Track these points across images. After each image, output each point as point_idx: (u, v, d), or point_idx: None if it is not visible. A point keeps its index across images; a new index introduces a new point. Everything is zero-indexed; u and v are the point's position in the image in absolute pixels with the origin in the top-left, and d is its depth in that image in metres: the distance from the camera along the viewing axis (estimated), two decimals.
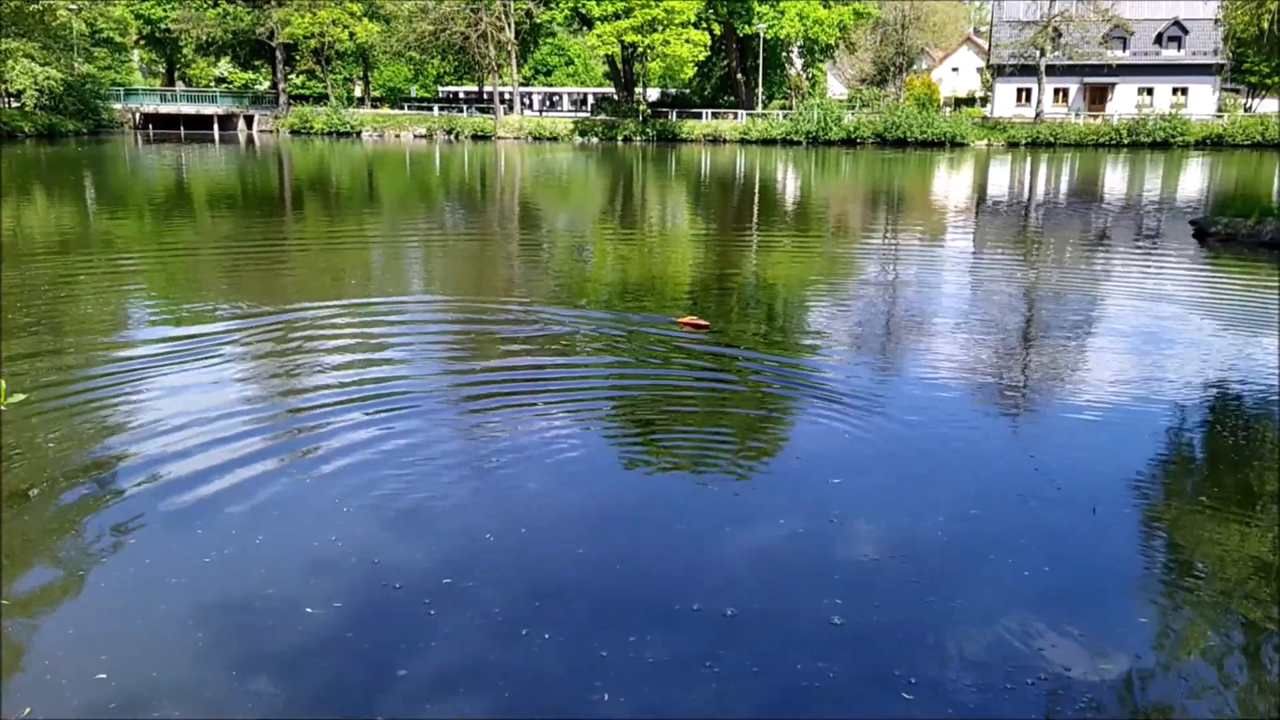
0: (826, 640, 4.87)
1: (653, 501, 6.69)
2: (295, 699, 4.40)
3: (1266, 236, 19.00)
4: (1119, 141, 62.77)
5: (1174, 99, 68.35)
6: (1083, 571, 5.70)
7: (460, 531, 6.08)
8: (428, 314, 12.97)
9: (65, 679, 4.49)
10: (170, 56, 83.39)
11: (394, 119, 74.19)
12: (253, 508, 6.27)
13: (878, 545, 5.95)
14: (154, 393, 8.72)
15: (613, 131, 69.80)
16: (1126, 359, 10.64)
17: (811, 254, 19.58)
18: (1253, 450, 7.82)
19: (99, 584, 5.35)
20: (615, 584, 5.47)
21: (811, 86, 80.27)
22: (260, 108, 76.81)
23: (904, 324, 12.48)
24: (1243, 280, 16.27)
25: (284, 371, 9.66)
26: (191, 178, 37.54)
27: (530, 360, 10.19)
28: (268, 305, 12.79)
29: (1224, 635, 5.05)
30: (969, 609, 5.20)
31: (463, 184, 38.61)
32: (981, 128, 66.25)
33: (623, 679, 4.56)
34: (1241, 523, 6.33)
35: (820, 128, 64.75)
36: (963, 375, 9.84)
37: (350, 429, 7.79)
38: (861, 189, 37.94)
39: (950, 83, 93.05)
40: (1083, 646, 4.85)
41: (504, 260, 18.34)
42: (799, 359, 10.50)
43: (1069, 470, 7.19)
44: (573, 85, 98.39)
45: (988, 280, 16.48)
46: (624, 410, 8.65)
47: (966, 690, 4.49)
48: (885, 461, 7.35)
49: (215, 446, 7.28)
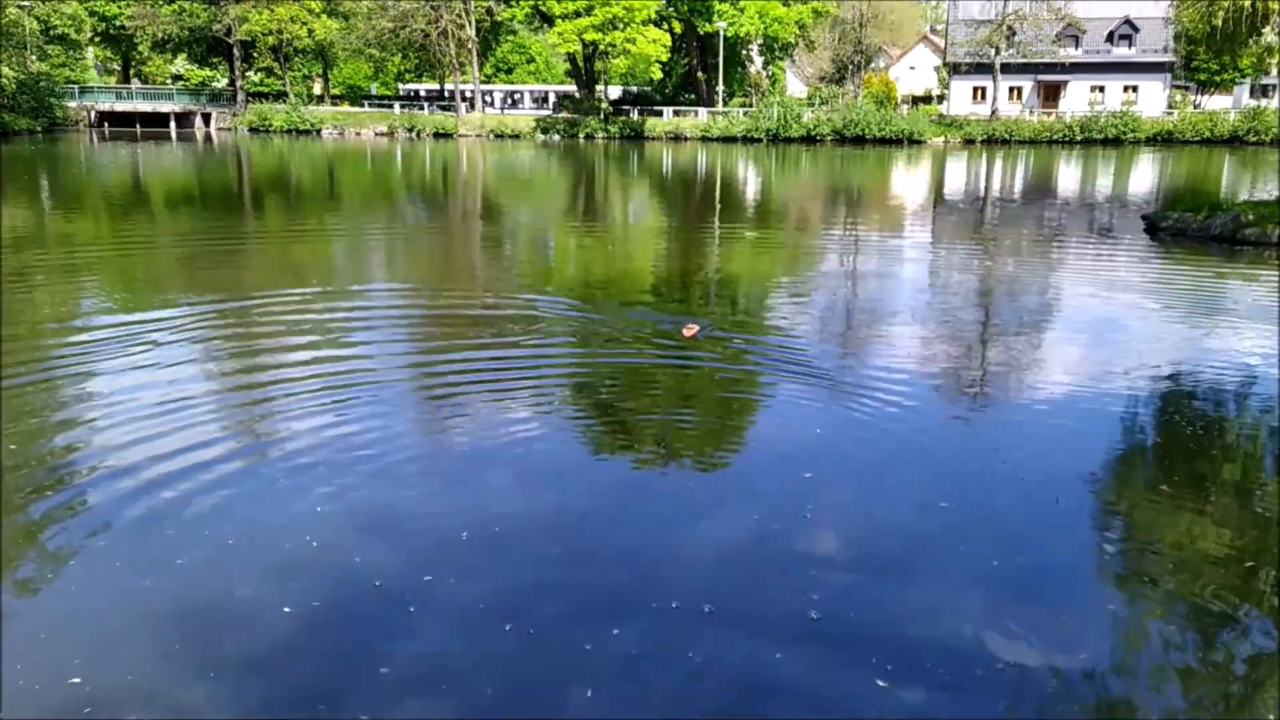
0: (799, 632, 4.95)
1: (623, 493, 6.75)
2: (272, 699, 4.41)
3: (1216, 231, 19.43)
4: (1072, 138, 63.74)
5: (1125, 96, 69.50)
6: (1048, 561, 5.84)
7: (433, 529, 6.09)
8: (391, 310, 12.92)
9: (39, 683, 4.46)
10: (126, 54, 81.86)
11: (354, 117, 73.47)
12: (222, 507, 6.24)
13: (846, 537, 6.06)
14: (114, 390, 8.60)
15: (574, 129, 69.71)
16: (1084, 350, 10.87)
17: (775, 248, 19.72)
18: (1210, 438, 8.05)
19: (69, 586, 5.31)
20: (591, 579, 5.51)
21: (771, 84, 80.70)
22: (218, 105, 75.69)
23: (866, 317, 12.63)
24: (1194, 273, 16.63)
25: (246, 367, 9.59)
26: (148, 176, 36.99)
27: (496, 353, 10.20)
28: (227, 300, 12.67)
29: (1185, 624, 5.20)
30: (937, 599, 5.32)
31: (425, 182, 38.38)
32: (938, 125, 66.94)
33: (603, 674, 4.61)
34: (1199, 511, 6.52)
35: (780, 125, 65.08)
36: (926, 367, 9.99)
37: (317, 425, 7.75)
38: (822, 186, 38.21)
39: (907, 81, 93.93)
40: (1049, 635, 4.98)
41: (467, 256, 18.29)
42: (766, 349, 10.59)
43: (1032, 460, 7.35)
44: (534, 83, 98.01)
45: (947, 274, 16.70)
46: (591, 401, 8.70)
47: (938, 677, 4.59)
48: (852, 453, 7.47)
49: (180, 444, 7.20)
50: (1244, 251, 18.20)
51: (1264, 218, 18.95)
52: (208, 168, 42.88)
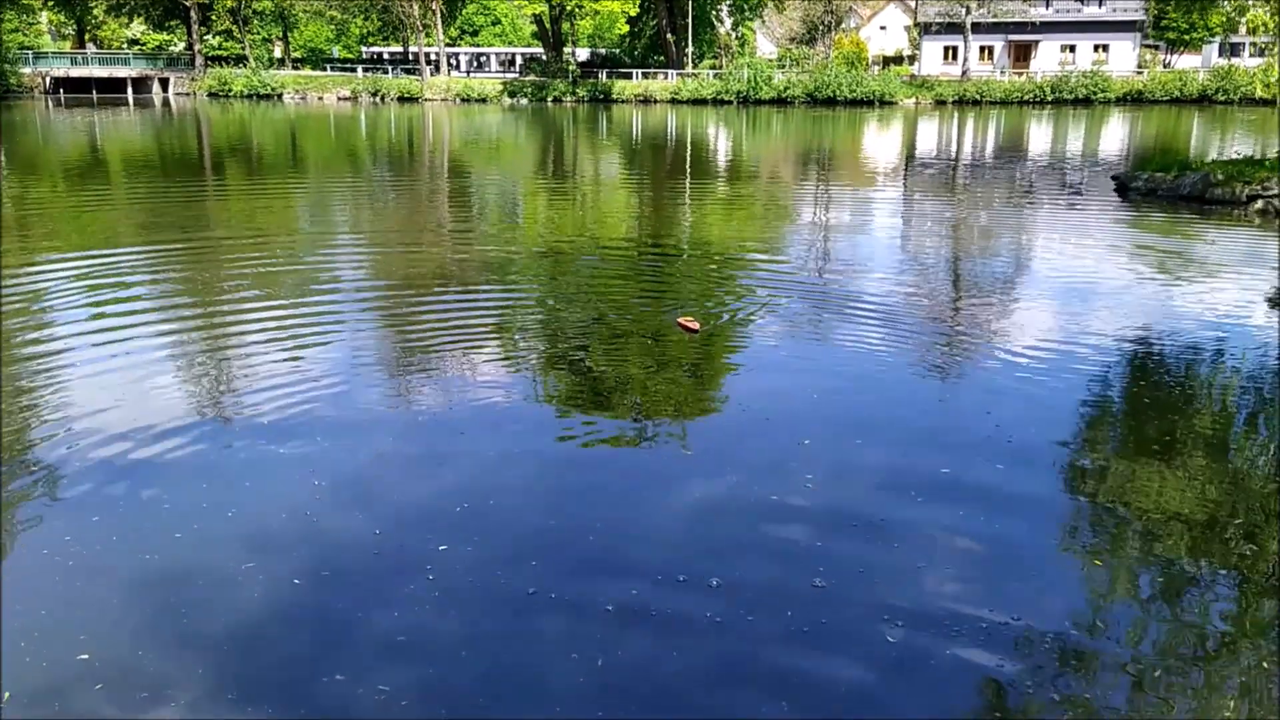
0: (778, 594, 4.91)
1: (599, 462, 6.66)
2: (250, 672, 4.32)
3: (1185, 190, 19.48)
4: (1043, 98, 63.85)
5: (1096, 56, 69.59)
6: (1023, 519, 5.80)
7: (410, 496, 6.01)
8: (359, 278, 12.68)
9: (45, 661, 4.37)
10: (80, 18, 79.81)
11: (316, 81, 72.20)
12: (194, 483, 6.11)
13: (822, 498, 5.99)
14: (77, 363, 8.41)
15: (542, 92, 68.90)
16: (1055, 308, 10.87)
17: (749, 210, 19.57)
18: (1180, 395, 8.12)
19: (63, 564, 5.17)
20: (571, 546, 5.42)
21: (741, 46, 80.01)
22: (176, 70, 74.08)
23: (839, 278, 12.53)
24: (1163, 232, 16.67)
25: (211, 341, 9.38)
26: (106, 143, 36.17)
27: (470, 314, 10.06)
28: (187, 271, 12.40)
29: (1156, 581, 5.21)
30: (910, 558, 5.28)
31: (392, 148, 37.79)
32: (909, 86, 66.77)
33: (585, 642, 4.54)
34: (1171, 469, 6.52)
35: (751, 87, 64.66)
36: (900, 326, 9.92)
37: (286, 397, 7.60)
38: (794, 148, 38.02)
39: (878, 41, 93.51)
40: (1022, 593, 4.98)
41: (436, 221, 18.00)
42: (737, 310, 10.48)
43: (1009, 421, 7.30)
44: (500, 45, 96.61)
45: (920, 234, 16.66)
46: (563, 365, 8.58)
47: (913, 639, 4.55)
48: (828, 413, 7.43)
49: (147, 418, 7.05)
50: (1213, 210, 18.27)
51: (1232, 177, 19.01)
52: (166, 135, 41.98)
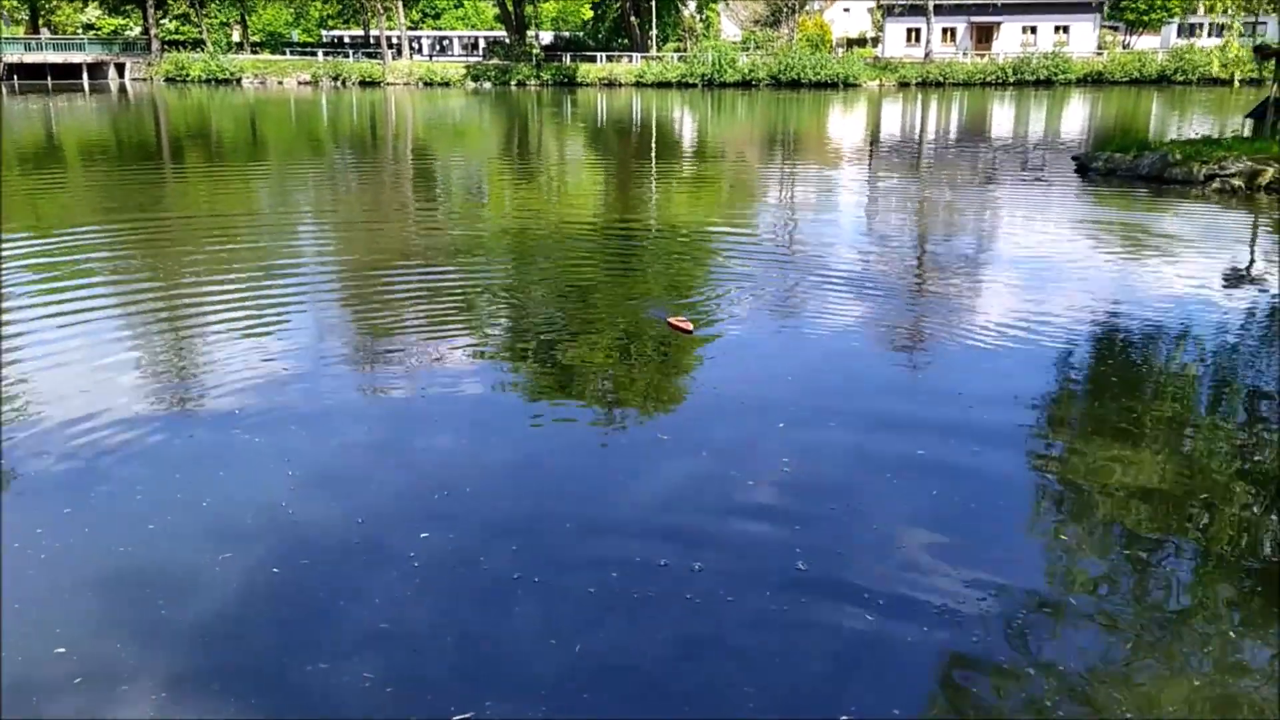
0: (756, 576, 4.96)
1: (574, 447, 6.68)
2: (235, 664, 4.31)
3: (1144, 170, 19.74)
4: (1005, 80, 64.26)
5: (1056, 37, 70.09)
6: (984, 494, 5.88)
7: (383, 482, 6.00)
8: (323, 260, 12.56)
9: (21, 656, 4.34)
10: (34, 3, 78.13)
11: (276, 65, 71.12)
12: (166, 473, 6.06)
13: (791, 474, 6.04)
14: (39, 346, 8.28)
15: (506, 76, 68.33)
16: (1017, 287, 11.00)
17: (716, 190, 19.58)
18: (1141, 369, 8.28)
19: (35, 558, 5.10)
20: (553, 533, 5.44)
21: (705, 29, 79.76)
22: (132, 55, 72.68)
23: (807, 258, 12.57)
24: (1122, 210, 16.89)
25: (176, 324, 9.29)
26: (61, 130, 35.49)
27: (435, 300, 10.01)
28: (147, 254, 12.23)
29: (1116, 555, 5.30)
30: (884, 538, 5.35)
31: (355, 132, 37.38)
32: (873, 68, 66.90)
33: (561, 626, 4.55)
34: (1136, 446, 6.63)
35: (715, 70, 64.50)
36: (870, 305, 9.99)
37: (255, 384, 7.55)
38: (760, 130, 38.05)
39: (842, 23, 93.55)
40: (994, 570, 5.05)
41: (400, 205, 17.86)
42: (706, 292, 10.50)
43: (974, 396, 7.38)
44: (463, 29, 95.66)
45: (885, 214, 16.76)
46: (533, 350, 8.57)
47: (883, 611, 4.62)
48: (801, 396, 7.47)
49: (115, 405, 6.98)
50: (1171, 189, 18.52)
51: (1190, 157, 19.26)
52: (123, 121, 41.23)
